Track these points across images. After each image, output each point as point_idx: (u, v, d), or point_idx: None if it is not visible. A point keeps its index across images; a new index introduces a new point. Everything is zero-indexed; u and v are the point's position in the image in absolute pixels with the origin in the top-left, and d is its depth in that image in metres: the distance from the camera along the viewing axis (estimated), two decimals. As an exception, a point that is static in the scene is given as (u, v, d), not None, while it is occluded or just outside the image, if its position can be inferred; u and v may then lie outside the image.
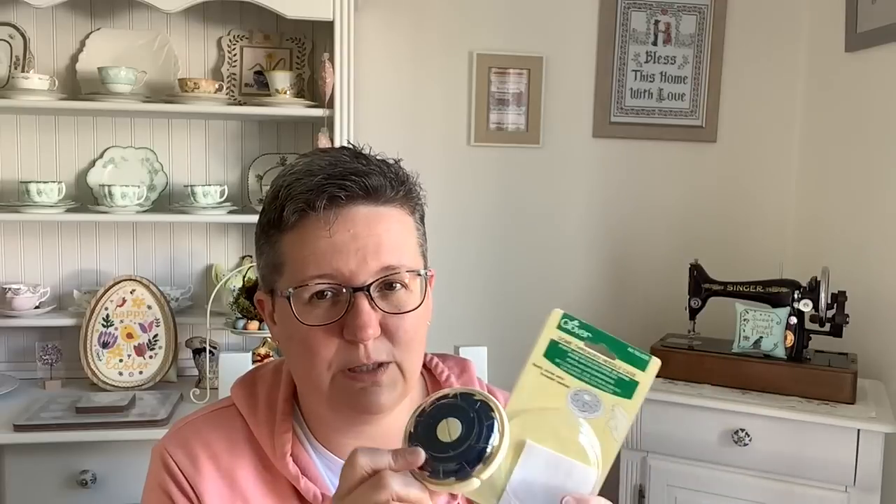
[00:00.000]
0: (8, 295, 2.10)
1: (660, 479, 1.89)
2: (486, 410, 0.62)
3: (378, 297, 0.79)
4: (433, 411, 0.64)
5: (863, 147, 2.14)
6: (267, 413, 0.86)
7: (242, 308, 1.96)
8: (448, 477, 0.61)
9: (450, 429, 0.62)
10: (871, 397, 1.85)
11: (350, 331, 0.78)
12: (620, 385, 0.66)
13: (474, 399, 0.64)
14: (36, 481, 1.82)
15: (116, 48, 2.19)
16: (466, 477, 0.61)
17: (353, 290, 0.78)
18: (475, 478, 0.60)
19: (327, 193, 0.78)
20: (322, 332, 0.79)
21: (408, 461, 0.62)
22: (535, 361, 0.66)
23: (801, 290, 1.89)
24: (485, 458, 0.61)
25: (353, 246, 0.78)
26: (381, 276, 0.79)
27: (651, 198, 2.48)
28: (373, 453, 0.63)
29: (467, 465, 0.60)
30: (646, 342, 2.12)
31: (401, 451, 0.63)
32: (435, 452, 0.62)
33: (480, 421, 0.62)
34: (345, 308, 0.78)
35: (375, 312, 0.78)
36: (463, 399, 0.64)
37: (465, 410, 0.63)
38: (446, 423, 0.62)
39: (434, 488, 0.62)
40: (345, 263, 0.78)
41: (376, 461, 0.63)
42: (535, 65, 2.38)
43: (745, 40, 2.45)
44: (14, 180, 2.15)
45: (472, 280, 2.43)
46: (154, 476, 0.86)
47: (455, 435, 0.62)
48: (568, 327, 0.68)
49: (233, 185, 2.27)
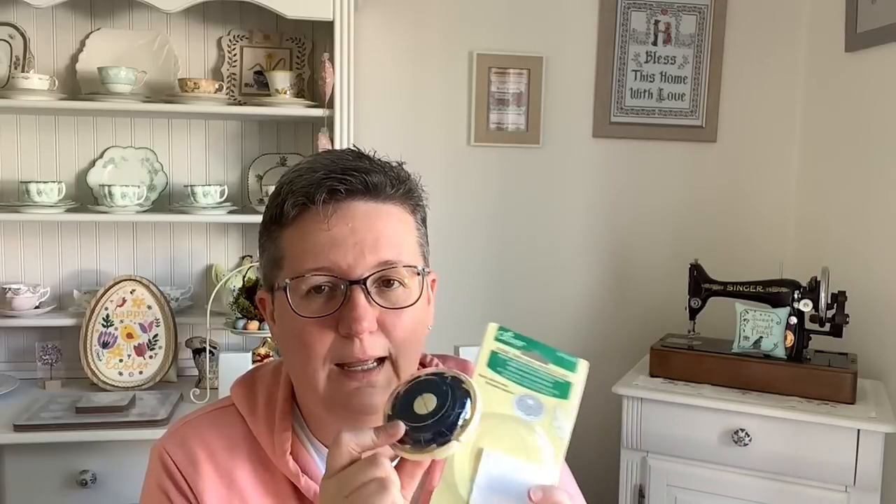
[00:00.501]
0: (8, 295, 2.10)
1: (660, 479, 1.89)
2: (457, 383, 0.67)
3: (375, 292, 0.79)
4: (408, 391, 0.68)
5: (863, 147, 2.14)
6: (266, 412, 0.86)
7: (242, 308, 1.96)
8: (429, 444, 0.64)
9: (426, 402, 0.66)
10: (871, 397, 1.85)
11: (345, 324, 0.78)
12: (557, 387, 0.70)
13: (445, 375, 0.68)
14: (36, 481, 1.82)
15: (116, 48, 2.19)
16: (446, 441, 0.64)
17: (349, 284, 0.78)
18: (454, 440, 0.64)
19: (327, 187, 0.79)
20: (317, 326, 0.79)
21: (389, 434, 0.65)
22: (480, 372, 0.70)
23: (801, 290, 1.89)
24: (461, 423, 0.65)
25: (351, 240, 0.79)
26: (378, 270, 0.79)
27: (651, 198, 2.48)
28: (357, 432, 0.66)
29: (446, 431, 0.64)
30: (646, 342, 2.12)
31: (382, 427, 0.66)
32: (414, 424, 0.65)
33: (454, 392, 0.66)
34: (341, 302, 0.78)
35: (372, 307, 0.79)
36: (435, 376, 0.68)
37: (438, 384, 0.67)
38: (422, 398, 0.66)
39: (417, 457, 0.65)
40: (342, 257, 0.78)
41: (361, 439, 0.65)
42: (535, 65, 2.38)
43: (745, 40, 2.45)
44: (14, 180, 2.15)
45: (472, 280, 2.43)
46: (152, 476, 0.86)
47: (431, 407, 0.65)
48: (504, 338, 0.72)
49: (233, 185, 2.28)
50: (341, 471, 0.65)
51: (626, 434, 1.90)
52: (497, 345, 0.71)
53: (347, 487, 0.64)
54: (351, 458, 0.65)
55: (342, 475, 0.65)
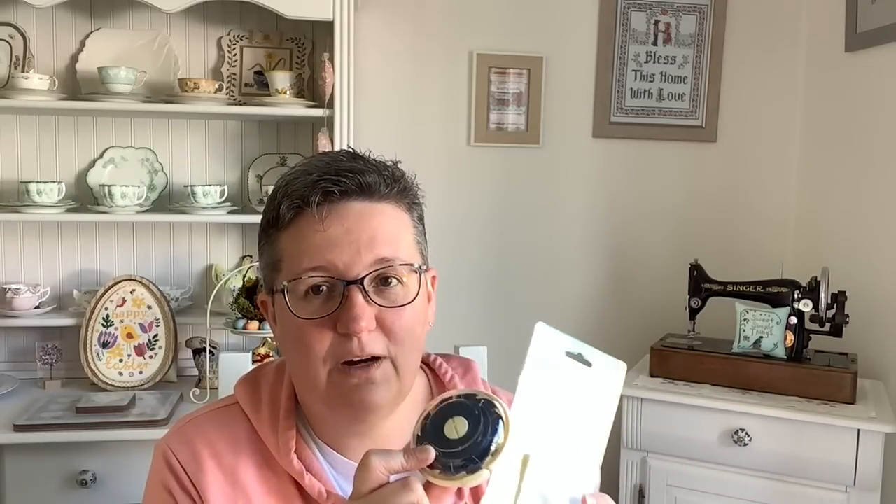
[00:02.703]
0: (8, 295, 2.10)
1: (660, 479, 1.89)
2: (489, 407, 0.64)
3: (373, 291, 0.80)
4: (438, 413, 0.66)
5: (863, 147, 2.14)
6: (270, 410, 0.87)
7: (242, 308, 1.96)
8: (459, 471, 0.62)
9: (457, 427, 0.64)
10: (871, 397, 1.85)
11: (343, 324, 0.78)
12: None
13: (478, 398, 0.65)
14: (36, 481, 1.82)
15: (116, 48, 2.19)
16: (476, 469, 0.62)
17: (346, 284, 0.78)
18: (485, 469, 0.62)
19: (321, 189, 0.80)
20: (316, 326, 0.79)
21: (419, 459, 0.64)
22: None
23: (801, 290, 1.89)
24: (493, 450, 0.63)
25: (346, 239, 0.79)
26: (375, 269, 0.79)
27: (651, 198, 2.48)
28: (385, 455, 0.65)
29: (477, 458, 0.62)
30: (646, 342, 2.12)
31: (412, 451, 0.64)
32: (444, 449, 0.63)
33: (486, 417, 0.64)
34: (339, 302, 0.79)
35: (370, 306, 0.79)
36: (467, 398, 0.66)
37: (469, 408, 0.65)
38: (453, 421, 0.64)
39: (446, 483, 0.63)
40: (338, 256, 0.79)
41: (389, 463, 0.64)
42: (535, 65, 2.38)
43: (745, 40, 2.45)
44: (14, 180, 2.15)
45: (472, 280, 2.43)
46: (156, 473, 0.86)
47: (462, 432, 0.64)
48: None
49: (233, 185, 2.28)
50: (370, 493, 0.64)
51: (626, 434, 1.90)
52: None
53: None
54: (379, 482, 0.64)
55: (372, 498, 0.64)
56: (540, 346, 0.66)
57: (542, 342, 0.66)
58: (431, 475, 0.63)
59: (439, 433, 0.64)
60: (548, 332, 0.67)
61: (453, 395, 0.67)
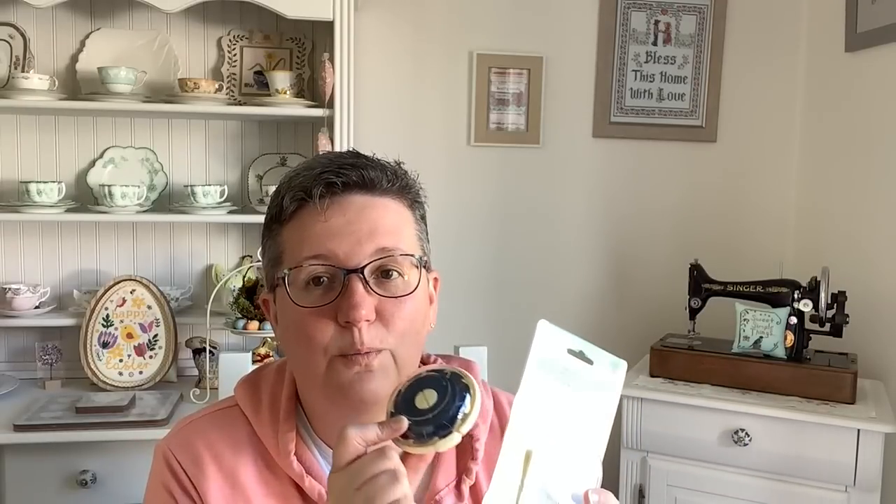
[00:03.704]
0: (8, 295, 2.10)
1: (660, 479, 1.89)
2: (457, 378, 0.69)
3: (374, 282, 0.80)
4: (409, 388, 0.69)
5: (863, 147, 2.14)
6: (270, 412, 0.87)
7: (242, 308, 1.96)
8: (431, 437, 0.66)
9: (427, 397, 0.68)
10: (871, 397, 1.85)
11: (344, 313, 0.78)
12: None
13: (445, 371, 0.70)
14: (36, 481, 1.82)
15: (116, 48, 2.19)
16: (447, 433, 0.66)
17: (346, 272, 0.79)
18: (456, 432, 0.66)
19: (324, 181, 0.81)
20: (317, 316, 0.79)
21: (393, 429, 0.67)
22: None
23: (801, 290, 1.89)
24: (460, 417, 0.67)
25: (347, 229, 0.80)
26: (376, 258, 0.80)
27: (651, 198, 2.48)
28: (361, 427, 0.67)
29: (447, 423, 0.66)
30: (646, 342, 2.12)
31: (386, 422, 0.67)
32: (416, 418, 0.67)
33: (453, 387, 0.68)
34: (339, 291, 0.79)
35: (370, 296, 0.79)
36: (436, 373, 0.70)
37: (438, 380, 0.69)
38: (423, 394, 0.68)
39: (420, 450, 0.67)
40: (338, 245, 0.79)
41: (366, 434, 0.67)
42: (535, 65, 2.38)
43: (745, 40, 2.45)
44: (14, 180, 2.15)
45: (472, 280, 2.43)
46: (157, 475, 0.86)
47: (432, 402, 0.68)
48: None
49: (233, 185, 2.28)
50: (348, 465, 0.66)
51: (626, 434, 1.90)
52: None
53: (358, 480, 0.65)
54: (357, 452, 0.67)
55: (351, 468, 0.66)
56: (542, 343, 0.67)
57: (544, 340, 0.67)
58: (406, 444, 0.67)
59: (410, 405, 0.68)
60: (550, 329, 0.68)
61: (423, 371, 0.71)
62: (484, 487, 0.86)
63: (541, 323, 0.68)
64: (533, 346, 0.67)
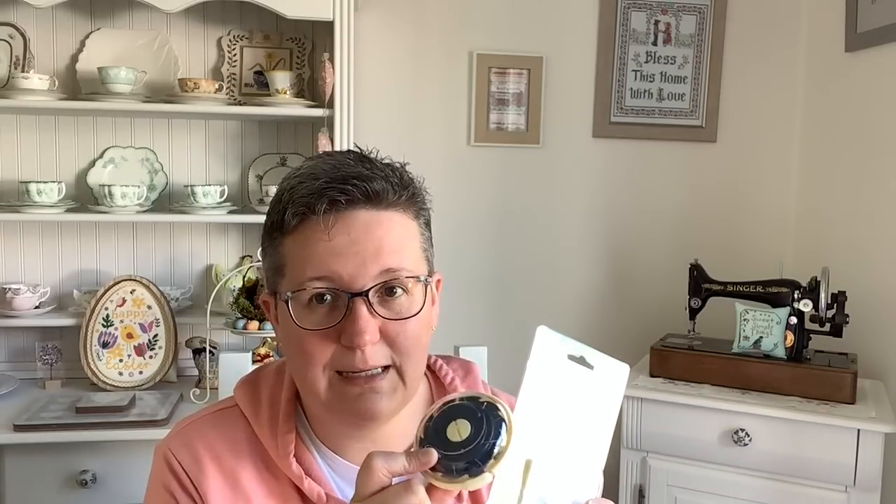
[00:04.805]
0: (8, 295, 2.10)
1: (660, 479, 1.89)
2: (493, 410, 0.64)
3: (378, 302, 0.79)
4: (441, 415, 0.65)
5: (863, 147, 2.14)
6: (270, 413, 0.86)
7: (242, 308, 1.96)
8: (461, 474, 0.62)
9: (459, 429, 0.64)
10: (871, 397, 1.85)
11: (347, 337, 0.77)
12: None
13: (480, 401, 0.65)
14: (36, 481, 1.82)
15: (116, 48, 2.19)
16: (479, 472, 0.62)
17: (351, 296, 0.77)
18: (487, 472, 0.62)
19: (328, 197, 0.78)
20: (319, 337, 0.78)
21: (421, 462, 0.63)
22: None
23: (801, 290, 1.89)
24: (495, 453, 0.62)
25: (351, 250, 0.78)
26: (381, 282, 0.78)
27: (651, 198, 2.48)
28: (388, 457, 0.64)
29: (479, 461, 0.62)
30: (646, 342, 2.12)
31: (414, 453, 0.64)
32: (446, 452, 0.63)
33: (488, 420, 0.63)
34: (343, 313, 0.78)
35: (374, 318, 0.78)
36: (470, 401, 0.65)
37: (472, 411, 0.64)
38: (455, 424, 0.64)
39: (448, 486, 0.63)
40: (343, 266, 0.78)
41: (392, 465, 0.64)
42: (535, 65, 2.38)
43: (745, 40, 2.45)
44: (14, 180, 2.15)
45: (472, 280, 2.43)
46: (157, 476, 0.86)
47: (465, 435, 0.63)
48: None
49: (233, 185, 2.27)
50: (372, 496, 0.64)
51: (626, 434, 1.90)
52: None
53: None
54: (382, 484, 0.64)
55: (374, 500, 0.64)
56: (541, 350, 0.66)
57: (543, 346, 0.66)
58: (434, 478, 0.63)
59: (442, 435, 0.64)
60: (549, 335, 0.66)
61: (456, 397, 0.66)
62: (484, 494, 0.86)
63: (540, 329, 0.66)
64: (532, 353, 0.65)
